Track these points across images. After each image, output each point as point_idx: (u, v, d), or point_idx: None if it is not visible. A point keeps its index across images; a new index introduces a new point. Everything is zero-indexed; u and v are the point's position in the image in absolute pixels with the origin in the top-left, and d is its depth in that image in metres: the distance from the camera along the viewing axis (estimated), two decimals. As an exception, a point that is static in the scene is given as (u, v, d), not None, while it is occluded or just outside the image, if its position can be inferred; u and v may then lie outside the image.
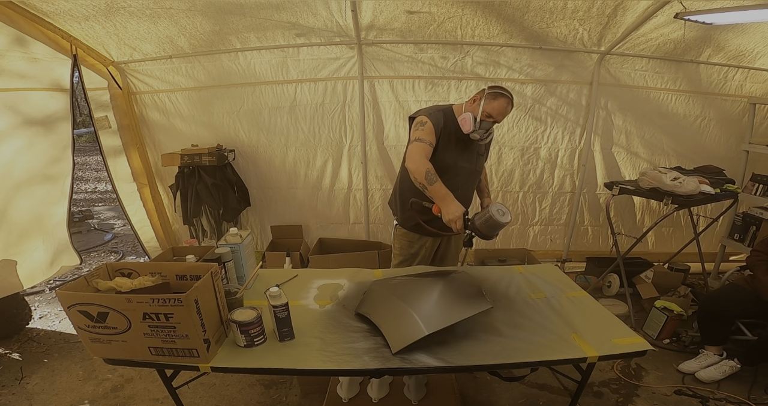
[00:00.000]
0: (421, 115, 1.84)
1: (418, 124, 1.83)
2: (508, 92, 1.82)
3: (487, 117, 1.81)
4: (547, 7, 2.48)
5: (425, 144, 1.77)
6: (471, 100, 1.87)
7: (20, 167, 2.69)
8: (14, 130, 2.62)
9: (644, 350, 1.33)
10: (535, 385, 2.20)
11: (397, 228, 2.12)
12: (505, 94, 1.80)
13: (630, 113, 3.23)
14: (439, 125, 1.82)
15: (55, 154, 2.83)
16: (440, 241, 2.14)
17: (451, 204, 1.63)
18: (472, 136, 1.83)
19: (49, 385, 2.27)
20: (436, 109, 1.89)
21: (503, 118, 1.84)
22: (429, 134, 1.79)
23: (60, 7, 2.30)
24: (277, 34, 2.87)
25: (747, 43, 2.84)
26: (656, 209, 3.46)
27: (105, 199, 6.88)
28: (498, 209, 1.54)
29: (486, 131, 1.84)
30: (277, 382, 2.24)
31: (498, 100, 1.79)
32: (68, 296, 1.18)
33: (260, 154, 3.43)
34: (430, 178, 1.67)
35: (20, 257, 2.76)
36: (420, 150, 1.75)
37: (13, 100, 2.57)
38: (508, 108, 1.81)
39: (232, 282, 1.68)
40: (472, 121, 1.80)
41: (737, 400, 2.07)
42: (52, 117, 2.75)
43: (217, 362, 1.27)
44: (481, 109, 1.80)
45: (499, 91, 1.81)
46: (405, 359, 1.27)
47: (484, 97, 1.81)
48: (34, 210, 2.82)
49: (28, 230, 2.81)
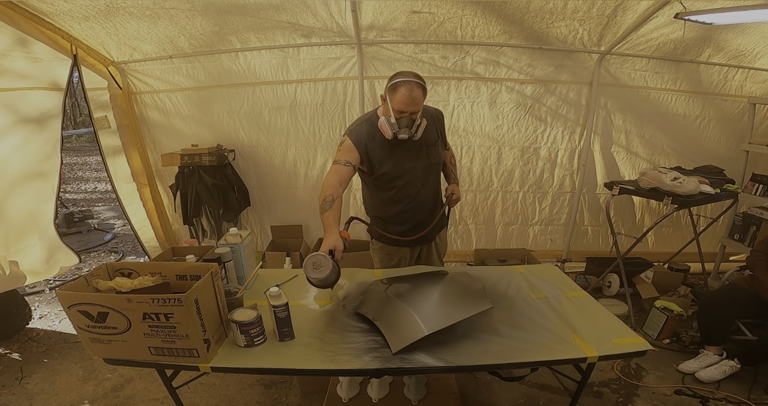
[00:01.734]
0: (344, 135, 1.75)
1: (340, 144, 1.75)
2: (409, 76, 1.63)
3: (399, 113, 1.65)
4: (547, 7, 2.48)
5: (340, 165, 1.68)
6: (382, 101, 1.73)
7: (15, 165, 2.69)
8: (11, 128, 2.62)
9: (644, 350, 1.32)
10: (535, 385, 2.21)
11: (374, 242, 2.04)
12: (405, 81, 1.61)
13: (630, 113, 3.23)
14: (362, 141, 1.71)
15: (47, 150, 2.82)
16: (419, 249, 2.05)
17: (326, 237, 1.50)
18: (399, 137, 1.67)
19: (49, 385, 2.27)
20: (358, 123, 1.78)
21: (417, 106, 1.65)
22: (347, 152, 1.70)
23: (60, 7, 2.30)
24: (277, 34, 2.87)
25: (747, 43, 2.84)
26: (656, 208, 3.46)
27: (105, 199, 6.88)
28: (314, 262, 1.38)
29: (410, 127, 1.67)
30: (277, 382, 2.24)
31: (398, 91, 1.62)
32: (68, 296, 1.18)
33: (260, 154, 3.43)
34: (324, 206, 1.57)
35: (20, 255, 2.76)
36: (332, 174, 1.66)
37: (12, 99, 2.57)
38: (413, 94, 1.61)
39: (232, 282, 1.68)
40: (388, 125, 1.66)
41: (737, 400, 2.07)
42: (46, 115, 2.75)
43: (217, 362, 1.27)
44: (391, 108, 1.66)
45: (397, 80, 1.63)
46: (405, 359, 1.27)
47: (387, 93, 1.67)
48: (29, 207, 2.82)
49: (25, 228, 2.81)
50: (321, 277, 1.38)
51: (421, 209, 1.91)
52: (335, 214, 1.56)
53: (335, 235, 1.49)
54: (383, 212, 1.93)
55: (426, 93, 1.68)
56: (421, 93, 1.64)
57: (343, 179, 1.66)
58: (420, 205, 1.90)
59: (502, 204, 3.47)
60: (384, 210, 1.92)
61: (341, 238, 1.51)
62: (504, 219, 3.52)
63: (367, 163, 1.76)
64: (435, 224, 1.96)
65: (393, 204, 1.88)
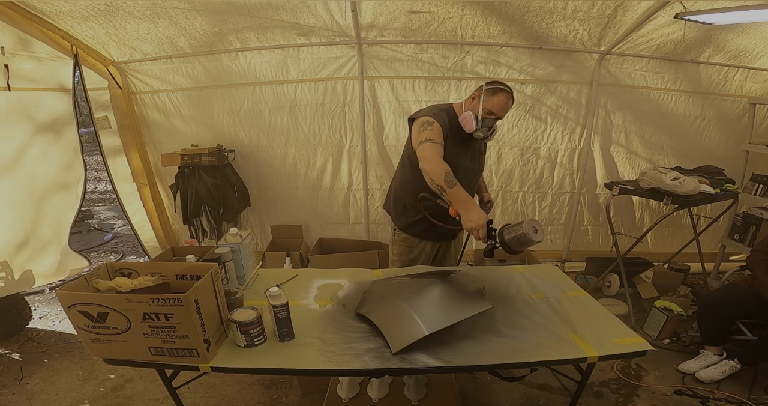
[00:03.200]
0: (426, 116, 1.77)
1: (425, 124, 1.74)
2: (507, 87, 1.78)
3: (488, 114, 1.76)
4: (547, 7, 2.48)
5: (437, 145, 1.69)
6: (470, 98, 1.82)
7: (40, 179, 2.73)
8: (32, 138, 2.66)
9: (644, 350, 1.32)
10: (535, 385, 2.21)
11: (396, 233, 2.05)
12: (504, 89, 1.76)
13: (630, 113, 3.23)
14: (446, 125, 1.76)
15: (65, 159, 2.87)
16: (439, 245, 2.08)
17: (473, 210, 1.54)
18: (476, 135, 1.78)
19: (49, 385, 2.27)
20: (438, 109, 1.82)
21: (505, 113, 1.80)
22: (438, 134, 1.72)
23: (59, 7, 2.30)
24: (277, 34, 2.87)
25: (747, 43, 2.84)
26: (656, 208, 3.46)
27: (105, 200, 6.88)
28: (532, 226, 1.45)
29: (489, 129, 1.79)
30: (277, 382, 2.24)
31: (498, 95, 1.75)
32: (68, 296, 1.18)
33: (260, 154, 3.43)
34: (449, 180, 1.57)
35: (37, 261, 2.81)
36: (435, 151, 1.66)
37: (27, 103, 2.59)
38: (508, 103, 1.77)
39: (232, 282, 1.68)
40: (473, 120, 1.74)
41: (737, 400, 2.07)
42: (59, 120, 2.79)
43: (217, 362, 1.27)
44: (482, 107, 1.75)
45: (498, 86, 1.76)
46: (405, 359, 1.27)
47: (483, 93, 1.76)
48: (55, 220, 2.88)
49: (50, 242, 2.86)
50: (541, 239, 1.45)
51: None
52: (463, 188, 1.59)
53: (478, 208, 1.56)
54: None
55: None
56: (511, 105, 1.79)
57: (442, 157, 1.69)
58: None
59: (502, 204, 3.47)
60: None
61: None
62: (504, 219, 3.52)
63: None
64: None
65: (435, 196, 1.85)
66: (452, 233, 2.01)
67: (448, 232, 1.92)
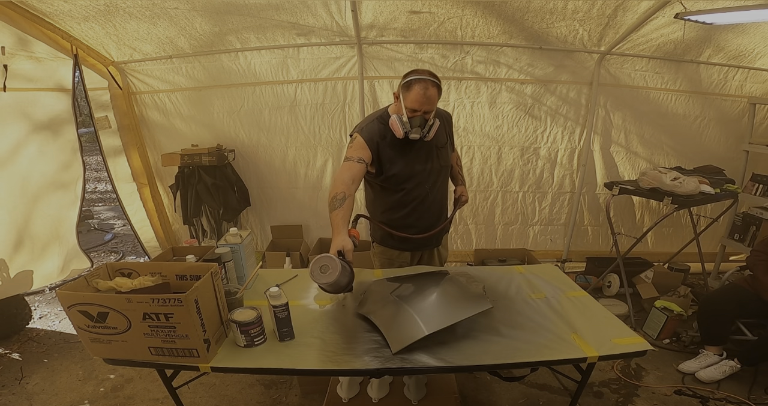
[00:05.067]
0: (354, 131, 1.70)
1: (350, 140, 1.69)
2: (425, 74, 1.58)
3: (412, 112, 1.60)
4: (547, 7, 2.48)
5: (352, 162, 1.60)
6: (395, 99, 1.67)
7: (36, 177, 2.73)
8: (27, 136, 2.65)
9: (644, 350, 1.32)
10: (535, 385, 2.20)
11: (375, 246, 1.98)
12: (420, 79, 1.56)
13: (630, 113, 3.23)
14: (373, 138, 1.65)
15: (64, 159, 2.87)
16: (420, 254, 1.99)
17: (334, 238, 1.41)
18: (411, 137, 1.62)
19: (49, 385, 2.27)
20: (369, 120, 1.72)
21: (431, 105, 1.60)
22: (357, 150, 1.63)
23: (59, 7, 2.30)
24: (277, 34, 2.87)
25: (747, 44, 2.84)
26: (656, 208, 3.46)
27: (105, 200, 6.88)
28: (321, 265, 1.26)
29: (422, 127, 1.62)
30: (277, 382, 2.24)
31: (413, 89, 1.57)
32: (68, 296, 1.18)
33: (260, 154, 3.43)
34: (333, 203, 1.47)
35: (39, 263, 2.80)
36: (344, 171, 1.58)
37: (24, 102, 2.59)
38: (428, 93, 1.56)
39: (232, 282, 1.68)
40: (399, 124, 1.61)
41: (737, 400, 2.07)
42: (57, 119, 2.78)
43: (217, 362, 1.27)
44: (403, 106, 1.61)
45: (412, 78, 1.58)
46: (405, 359, 1.27)
47: (400, 90, 1.61)
48: (52, 219, 2.87)
49: (49, 242, 2.87)
50: (330, 281, 1.24)
51: (429, 213, 1.85)
52: (345, 213, 1.46)
53: (343, 235, 1.40)
54: (389, 216, 1.85)
55: (441, 92, 1.63)
56: (435, 92, 1.59)
57: (356, 177, 1.58)
58: (427, 209, 1.84)
59: (502, 204, 3.47)
60: (390, 214, 1.84)
61: (351, 237, 1.42)
62: (504, 219, 3.52)
63: (377, 163, 1.69)
64: (443, 227, 1.92)
65: (400, 208, 1.81)
66: (433, 240, 1.93)
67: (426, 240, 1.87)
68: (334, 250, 1.35)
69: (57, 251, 2.92)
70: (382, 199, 1.84)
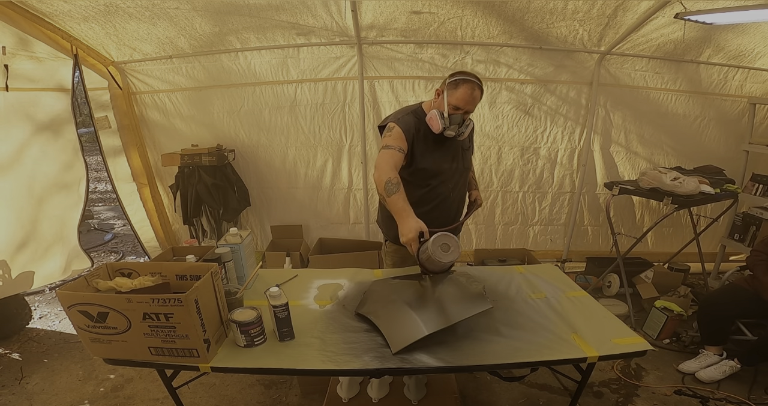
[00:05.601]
0: (389, 122, 1.71)
1: (387, 130, 1.69)
2: (472, 76, 1.64)
3: (454, 109, 1.65)
4: (547, 8, 2.48)
5: (393, 150, 1.62)
6: (435, 95, 1.71)
7: (40, 178, 2.73)
8: (31, 138, 2.66)
9: (644, 350, 1.32)
10: (535, 385, 2.20)
11: (388, 245, 1.98)
12: (468, 79, 1.62)
13: (630, 113, 3.23)
14: (410, 130, 1.68)
15: (65, 159, 2.87)
16: None
17: (405, 221, 1.44)
18: (446, 133, 1.67)
19: (49, 385, 2.27)
20: (404, 112, 1.75)
21: (473, 106, 1.67)
22: (397, 140, 1.65)
23: (59, 8, 2.30)
24: (277, 34, 2.87)
25: (747, 43, 2.84)
26: (656, 208, 3.46)
27: (105, 200, 6.88)
28: (442, 243, 1.31)
29: (460, 125, 1.67)
30: (277, 382, 2.24)
31: (460, 88, 1.62)
32: (68, 296, 1.18)
33: (260, 154, 3.43)
34: (389, 188, 1.49)
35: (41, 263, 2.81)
36: (386, 158, 1.59)
37: (26, 103, 2.59)
38: (474, 94, 1.63)
39: (232, 282, 1.68)
40: (439, 119, 1.64)
41: (737, 400, 2.07)
42: (57, 119, 2.79)
43: (217, 362, 1.27)
44: (446, 103, 1.64)
45: (460, 78, 1.63)
46: (405, 359, 1.27)
47: (446, 88, 1.65)
48: (56, 220, 2.88)
49: (53, 243, 2.87)
50: (454, 258, 1.31)
51: (447, 212, 1.86)
52: (405, 197, 1.50)
53: (414, 217, 1.44)
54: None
55: (482, 97, 1.69)
56: (480, 95, 1.65)
57: (398, 165, 1.60)
58: (447, 208, 1.85)
59: (502, 204, 3.47)
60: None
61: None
62: (504, 219, 3.52)
63: (409, 155, 1.70)
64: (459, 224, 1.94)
65: (423, 204, 1.78)
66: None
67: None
68: (414, 232, 1.39)
69: (60, 252, 2.92)
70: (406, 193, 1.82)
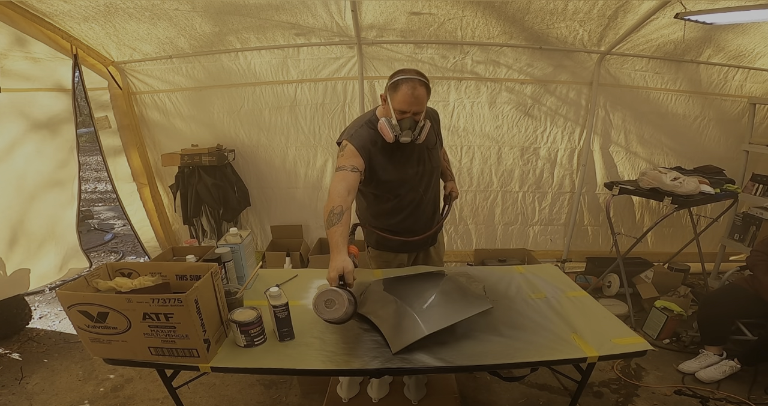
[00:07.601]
0: (343, 139, 1.63)
1: (340, 149, 1.61)
2: (411, 73, 1.51)
3: (401, 114, 1.53)
4: (547, 8, 2.48)
5: (346, 171, 1.51)
6: (382, 101, 1.61)
7: (32, 176, 2.72)
8: (25, 135, 2.65)
9: (644, 350, 1.33)
10: (535, 385, 2.20)
11: (370, 250, 1.95)
12: (407, 78, 1.50)
13: (630, 113, 3.23)
14: (365, 146, 1.58)
15: (61, 157, 2.86)
16: (416, 255, 1.96)
17: (334, 257, 1.32)
18: (403, 140, 1.55)
19: (49, 385, 2.27)
20: (358, 126, 1.65)
21: (420, 106, 1.53)
22: (350, 158, 1.55)
23: (59, 8, 2.30)
24: (277, 35, 2.87)
25: (747, 44, 2.84)
26: (656, 208, 3.46)
27: (105, 200, 6.88)
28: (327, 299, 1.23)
29: (413, 129, 1.55)
30: (277, 382, 2.24)
31: (400, 89, 1.50)
32: (68, 296, 1.18)
33: (260, 154, 3.43)
34: (330, 219, 1.40)
35: (35, 261, 2.80)
36: (338, 182, 1.49)
37: (21, 102, 2.58)
38: (416, 93, 1.49)
39: (232, 282, 1.68)
40: (389, 127, 1.54)
41: (737, 400, 2.07)
42: (55, 119, 2.78)
43: (217, 362, 1.27)
44: (392, 108, 1.54)
45: (398, 78, 1.51)
46: (405, 359, 1.27)
47: (387, 92, 1.55)
48: (47, 218, 2.86)
49: (44, 240, 2.86)
50: (336, 317, 1.21)
51: (422, 217, 1.83)
52: (344, 229, 1.37)
53: (343, 255, 1.31)
54: (384, 222, 1.81)
55: (430, 92, 1.56)
56: (424, 91, 1.52)
57: (351, 187, 1.50)
58: (422, 212, 1.81)
59: (502, 204, 3.47)
60: (384, 220, 1.80)
61: (350, 256, 1.35)
62: (504, 219, 3.52)
63: (369, 171, 1.62)
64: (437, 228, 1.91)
65: (395, 214, 1.77)
66: (427, 240, 1.89)
67: (421, 241, 1.84)
68: (334, 271, 1.29)
69: (53, 250, 2.91)
70: (375, 207, 1.80)
